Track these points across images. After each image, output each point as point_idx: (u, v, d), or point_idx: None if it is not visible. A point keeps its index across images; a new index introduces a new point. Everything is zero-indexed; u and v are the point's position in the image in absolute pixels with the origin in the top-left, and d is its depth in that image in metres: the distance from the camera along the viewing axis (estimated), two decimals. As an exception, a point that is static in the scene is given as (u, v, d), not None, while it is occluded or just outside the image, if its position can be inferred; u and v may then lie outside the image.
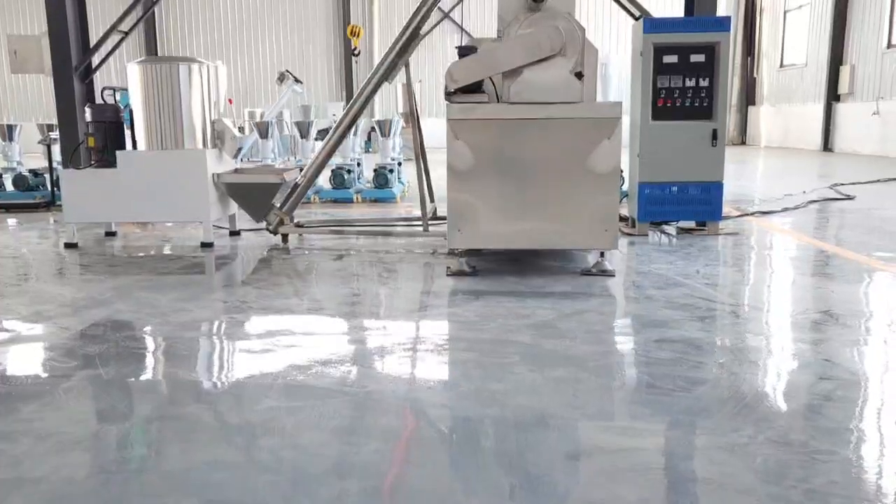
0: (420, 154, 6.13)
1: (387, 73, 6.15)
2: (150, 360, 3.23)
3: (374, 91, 6.15)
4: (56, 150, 9.01)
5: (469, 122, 4.66)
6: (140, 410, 2.67)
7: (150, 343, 3.47)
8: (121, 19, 8.21)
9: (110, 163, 6.04)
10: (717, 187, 6.32)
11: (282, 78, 15.47)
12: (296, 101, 16.82)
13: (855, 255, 5.42)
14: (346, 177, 9.12)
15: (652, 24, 6.21)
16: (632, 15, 7.87)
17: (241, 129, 19.49)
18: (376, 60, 24.97)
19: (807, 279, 4.68)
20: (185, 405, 2.68)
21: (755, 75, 23.99)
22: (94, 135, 6.09)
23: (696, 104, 6.25)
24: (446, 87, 4.65)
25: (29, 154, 10.65)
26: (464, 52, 4.66)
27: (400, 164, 10.33)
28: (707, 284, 4.48)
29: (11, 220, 8.02)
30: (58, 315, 3.95)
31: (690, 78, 6.23)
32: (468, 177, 4.71)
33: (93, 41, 8.45)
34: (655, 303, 4.04)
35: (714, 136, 6.23)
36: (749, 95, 24.26)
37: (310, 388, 2.81)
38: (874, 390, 2.75)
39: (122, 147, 6.17)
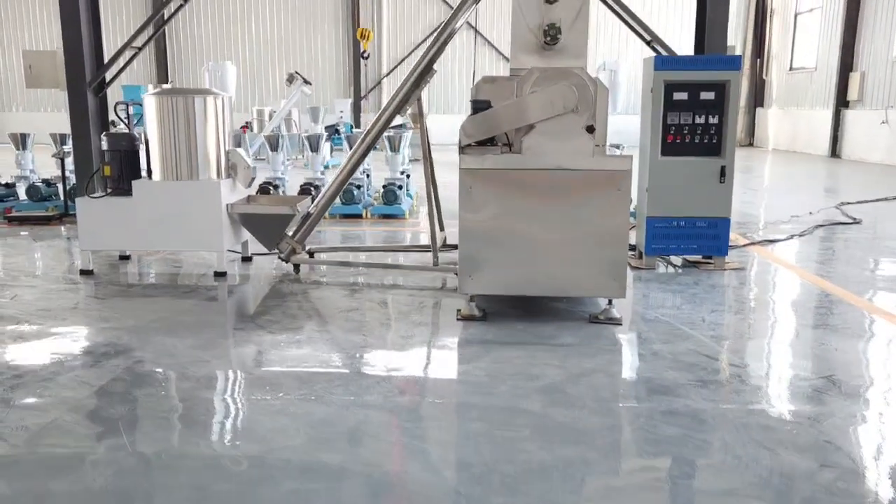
0: (430, 181, 6.19)
1: (399, 106, 6.21)
2: (172, 428, 3.33)
3: (386, 124, 6.22)
4: (69, 161, 9.10)
5: (482, 171, 4.73)
6: (167, 491, 2.77)
7: (170, 404, 3.57)
8: (134, 36, 8.26)
9: (126, 191, 6.13)
10: (725, 223, 6.39)
11: (291, 79, 15.44)
12: (304, 102, 16.85)
13: (857, 299, 5.50)
14: (355, 193, 9.19)
15: (663, 62, 6.26)
16: (643, 39, 7.94)
17: (249, 126, 19.61)
18: (385, 63, 25.02)
19: (809, 332, 4.76)
20: (208, 484, 2.79)
21: (764, 77, 23.92)
22: (110, 163, 6.18)
23: (706, 141, 6.32)
24: (460, 141, 4.73)
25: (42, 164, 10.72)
26: (478, 106, 4.73)
27: (408, 175, 10.40)
28: (712, 337, 4.57)
29: (25, 234, 8.13)
30: (80, 366, 4.06)
31: (700, 115, 6.29)
32: (480, 225, 4.79)
33: (106, 54, 8.51)
34: (662, 361, 4.13)
35: (722, 172, 6.29)
36: (758, 97, 24.21)
37: (325, 467, 2.92)
38: (874, 479, 2.84)
39: (138, 175, 6.26)
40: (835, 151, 19.19)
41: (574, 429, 3.28)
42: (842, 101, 18.87)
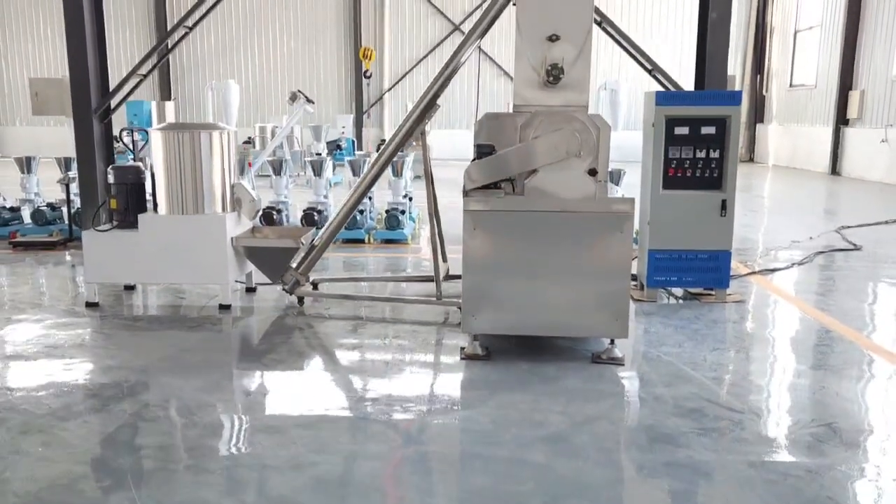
0: (433, 216, 6.24)
1: (403, 141, 6.27)
2: (180, 481, 3.36)
3: (389, 159, 6.28)
4: (74, 187, 9.16)
5: (485, 213, 4.79)
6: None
7: (177, 454, 3.60)
8: (140, 64, 8.33)
9: (132, 224, 6.19)
10: (726, 255, 6.44)
11: (294, 98, 15.56)
12: (307, 119, 16.96)
13: (857, 335, 5.55)
14: (357, 217, 9.24)
15: (664, 97, 6.33)
16: (644, 68, 8.02)
17: (251, 142, 19.71)
18: (386, 78, 25.13)
19: (809, 374, 4.79)
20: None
21: (764, 93, 24.03)
22: (116, 196, 6.24)
23: (707, 175, 6.37)
24: (464, 186, 4.78)
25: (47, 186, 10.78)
26: (482, 150, 4.78)
27: (411, 198, 10.47)
28: (713, 380, 4.61)
29: (30, 261, 8.19)
30: (87, 410, 4.10)
31: (701, 149, 6.35)
32: (484, 265, 4.84)
33: (111, 77, 8.57)
34: (664, 406, 4.17)
35: (723, 206, 6.34)
36: (758, 113, 24.32)
37: (334, 526, 2.96)
38: (873, 541, 2.89)
39: (144, 208, 6.31)
40: (835, 169, 19.27)
41: (578, 483, 3.31)
42: (842, 119, 18.96)
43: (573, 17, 5.07)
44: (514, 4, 5.31)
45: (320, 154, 15.62)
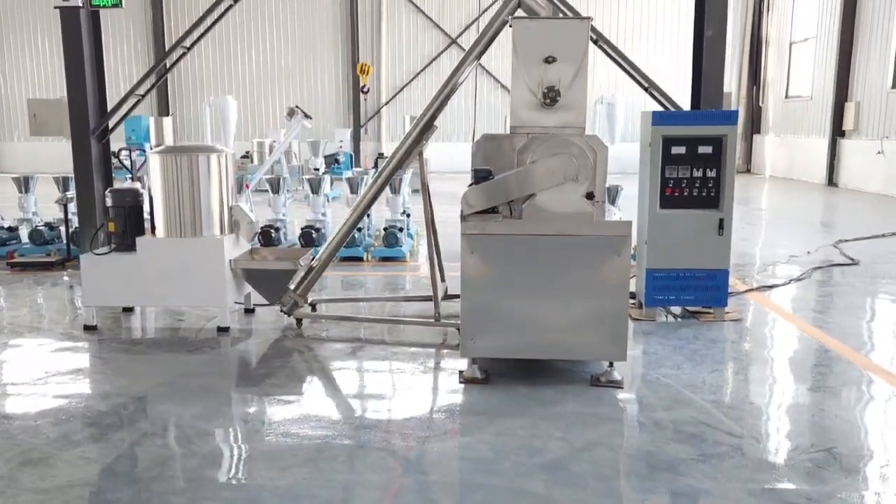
0: (430, 228, 6.23)
1: (401, 162, 6.29)
2: (178, 511, 3.36)
3: (387, 181, 6.29)
4: (72, 206, 9.16)
5: (483, 237, 4.80)
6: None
7: (176, 485, 3.59)
8: (138, 84, 8.36)
9: (130, 247, 6.19)
10: (724, 274, 6.45)
11: (291, 113, 15.61)
12: (305, 134, 16.99)
13: (855, 355, 5.55)
14: (356, 235, 9.25)
15: (661, 117, 6.35)
16: (640, 85, 8.05)
17: (249, 157, 19.74)
18: (384, 92, 25.21)
19: (808, 396, 4.79)
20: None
21: (761, 104, 24.13)
22: (115, 219, 6.24)
23: (704, 194, 6.39)
24: (462, 211, 4.79)
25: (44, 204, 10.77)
26: (479, 175, 4.80)
27: (409, 215, 10.47)
28: (713, 402, 4.61)
29: (28, 281, 8.18)
30: (85, 440, 4.09)
31: (698, 168, 6.37)
32: (482, 289, 4.85)
33: (109, 93, 8.59)
34: (664, 431, 4.17)
35: (721, 225, 6.35)
36: (754, 124, 24.41)
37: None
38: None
39: (142, 231, 6.31)
40: (831, 180, 19.32)
41: (577, 513, 3.31)
42: (838, 131, 19.02)
43: (569, 38, 5.10)
44: (510, 27, 5.35)
45: (318, 169, 15.66)
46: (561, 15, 7.74)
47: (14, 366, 5.42)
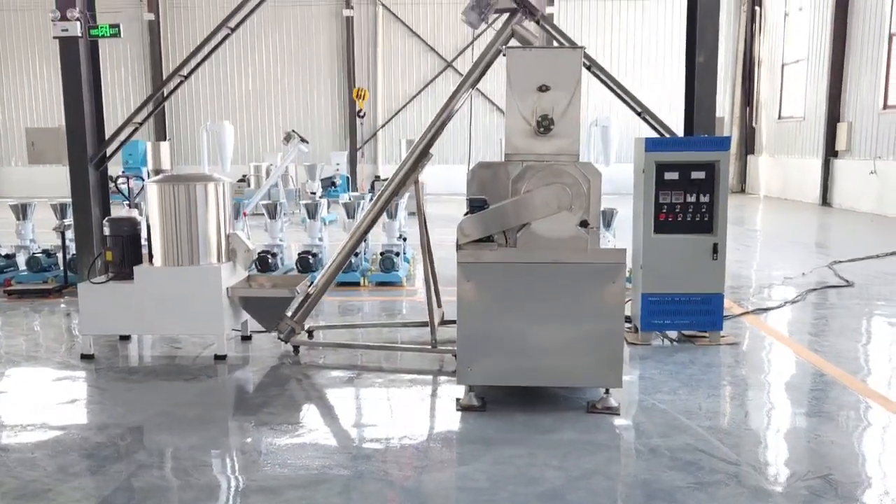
0: (427, 255, 6.26)
1: (397, 189, 6.34)
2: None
3: (383, 207, 6.34)
4: (70, 233, 9.19)
5: (479, 265, 4.83)
6: None
7: (173, 518, 3.60)
8: (136, 112, 8.42)
9: (127, 275, 6.21)
10: (718, 298, 6.49)
11: (288, 138, 15.74)
12: (302, 158, 17.08)
13: (851, 379, 5.57)
14: (353, 260, 9.28)
15: (654, 143, 6.42)
16: (634, 110, 8.14)
17: (246, 181, 19.80)
18: (380, 115, 25.38)
19: (805, 422, 4.82)
20: None
21: (754, 125, 24.33)
22: (112, 248, 6.26)
23: (697, 219, 6.44)
24: (458, 240, 4.83)
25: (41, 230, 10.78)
26: (474, 204, 4.85)
27: (405, 238, 10.50)
28: (709, 429, 4.62)
29: (25, 309, 8.18)
30: (82, 472, 4.08)
31: (691, 194, 6.42)
32: (478, 317, 4.87)
33: (106, 117, 8.65)
34: (660, 459, 4.18)
35: (715, 249, 6.40)
36: (748, 144, 24.60)
37: None
38: None
39: (139, 260, 6.33)
40: (825, 200, 19.44)
41: (575, 544, 3.31)
42: (830, 151, 19.17)
43: (562, 67, 5.19)
44: (503, 55, 5.42)
45: (315, 193, 15.71)
46: (555, 42, 7.87)
47: (10, 396, 5.42)
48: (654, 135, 7.49)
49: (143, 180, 6.52)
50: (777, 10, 23.07)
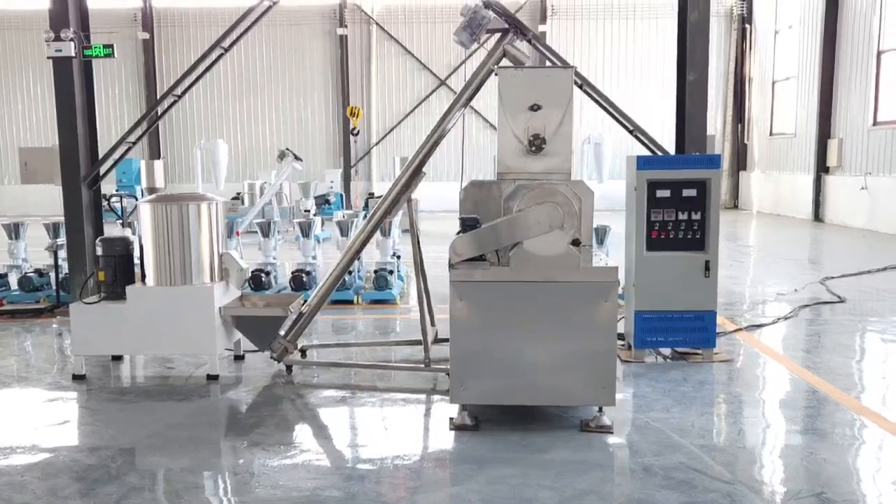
0: (420, 273, 6.25)
1: (390, 208, 6.35)
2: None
3: (376, 226, 6.35)
4: (62, 253, 9.16)
5: (471, 284, 4.84)
6: None
7: (164, 541, 3.57)
8: (129, 131, 8.43)
9: (119, 295, 6.19)
10: (711, 315, 6.50)
11: (282, 156, 15.77)
12: (296, 176, 17.10)
13: (844, 396, 5.58)
14: (346, 279, 9.27)
15: (645, 162, 6.46)
16: (626, 128, 8.19)
17: (240, 199, 19.81)
18: (374, 132, 25.49)
19: (798, 439, 4.81)
20: None
21: (746, 141, 24.49)
22: (104, 269, 6.25)
23: (689, 236, 6.46)
24: (450, 259, 4.83)
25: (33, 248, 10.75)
26: (466, 223, 4.86)
27: (399, 256, 10.51)
28: (702, 447, 4.61)
29: (16, 329, 8.14)
30: (73, 495, 4.05)
31: (683, 211, 6.45)
32: (471, 336, 4.87)
33: (100, 135, 8.64)
34: (653, 478, 4.17)
35: (707, 266, 6.42)
36: (740, 160, 24.76)
37: None
38: None
39: (132, 280, 6.32)
40: (817, 216, 19.54)
41: (568, 565, 3.29)
42: (822, 167, 19.29)
43: (554, 87, 5.22)
44: (495, 75, 5.46)
45: (309, 211, 15.72)
46: (547, 62, 7.93)
47: (1, 418, 5.37)
48: (646, 152, 7.55)
49: (137, 199, 6.53)
50: (767, 28, 23.31)
